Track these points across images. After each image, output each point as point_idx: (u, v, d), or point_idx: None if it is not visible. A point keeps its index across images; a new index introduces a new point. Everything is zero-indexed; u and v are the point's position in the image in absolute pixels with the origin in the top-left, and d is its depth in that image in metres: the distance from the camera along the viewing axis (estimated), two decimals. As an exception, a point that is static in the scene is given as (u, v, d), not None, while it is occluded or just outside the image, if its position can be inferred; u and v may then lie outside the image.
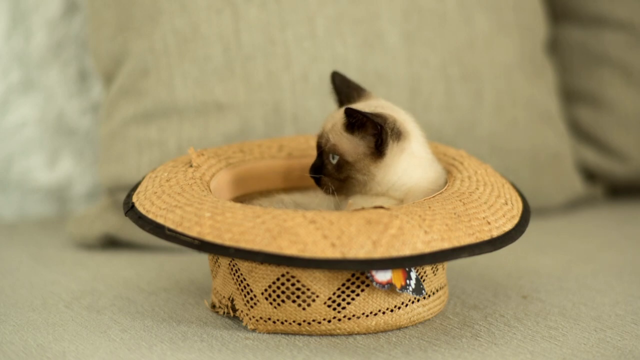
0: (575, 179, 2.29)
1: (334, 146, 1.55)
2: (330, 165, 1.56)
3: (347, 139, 1.54)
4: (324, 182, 1.57)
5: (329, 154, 1.56)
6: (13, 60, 2.25)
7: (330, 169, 1.56)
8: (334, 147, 1.55)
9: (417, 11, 2.11)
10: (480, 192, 1.53)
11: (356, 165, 1.54)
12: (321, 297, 1.44)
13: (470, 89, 2.14)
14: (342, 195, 1.57)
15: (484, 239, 1.43)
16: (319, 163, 1.57)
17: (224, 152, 1.70)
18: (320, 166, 1.57)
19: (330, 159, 1.56)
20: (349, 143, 1.54)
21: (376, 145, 1.54)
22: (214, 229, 1.40)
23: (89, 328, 1.51)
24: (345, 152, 1.54)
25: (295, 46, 2.04)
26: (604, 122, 2.33)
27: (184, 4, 2.00)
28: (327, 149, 1.56)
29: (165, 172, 1.57)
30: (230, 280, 1.50)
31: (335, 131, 1.55)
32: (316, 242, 1.36)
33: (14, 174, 2.28)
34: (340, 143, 1.55)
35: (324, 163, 1.57)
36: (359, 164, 1.54)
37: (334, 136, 1.55)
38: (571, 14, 2.36)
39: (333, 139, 1.55)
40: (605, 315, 1.55)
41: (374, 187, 1.56)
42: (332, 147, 1.55)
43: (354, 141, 1.54)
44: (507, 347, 1.43)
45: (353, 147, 1.54)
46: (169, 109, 2.01)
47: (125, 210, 1.53)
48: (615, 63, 2.32)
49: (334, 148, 1.55)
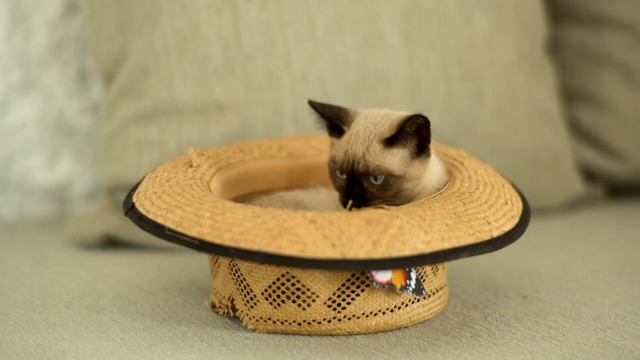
0: (575, 179, 2.28)
1: (378, 167, 1.50)
2: (374, 187, 1.51)
3: (391, 154, 1.51)
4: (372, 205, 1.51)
5: (369, 177, 1.51)
6: (13, 60, 2.25)
7: (374, 191, 1.51)
8: (378, 167, 1.50)
9: (417, 11, 2.11)
10: (481, 192, 1.53)
11: (406, 176, 1.52)
12: (321, 297, 1.44)
13: (470, 89, 2.14)
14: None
15: (484, 239, 1.43)
16: (357, 189, 1.51)
17: (223, 152, 1.70)
18: (360, 192, 1.51)
19: (372, 181, 1.51)
20: (394, 157, 1.51)
21: (422, 145, 1.51)
22: (214, 229, 1.40)
23: (89, 328, 1.51)
24: (392, 167, 1.51)
25: (295, 46, 2.04)
26: (604, 122, 2.33)
27: (184, 4, 2.00)
28: (371, 172, 1.50)
29: (165, 172, 1.57)
30: (231, 281, 1.50)
31: (374, 151, 1.51)
32: (316, 242, 1.36)
33: (14, 174, 2.28)
34: (385, 161, 1.51)
35: (364, 188, 1.51)
36: (408, 173, 1.51)
37: (374, 157, 1.51)
38: (571, 14, 2.36)
39: (375, 160, 1.51)
40: (605, 315, 1.55)
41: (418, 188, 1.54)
42: (377, 169, 1.50)
43: (399, 154, 1.51)
44: (507, 347, 1.43)
45: (399, 159, 1.51)
46: (169, 109, 2.01)
47: (125, 210, 1.53)
48: (615, 63, 2.32)
49: (378, 169, 1.50)
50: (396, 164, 1.51)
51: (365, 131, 1.53)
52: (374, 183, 1.51)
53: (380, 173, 1.51)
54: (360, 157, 1.52)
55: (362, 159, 1.51)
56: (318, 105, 1.56)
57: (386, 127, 1.52)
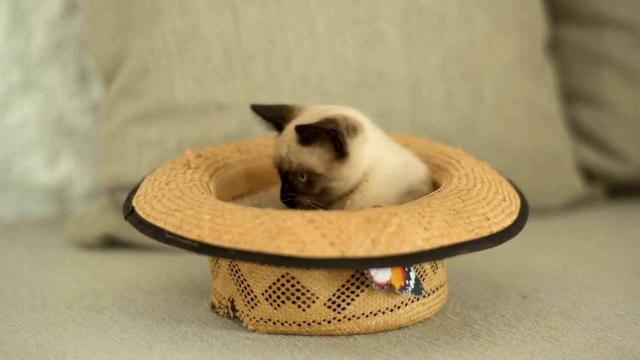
0: (575, 179, 2.28)
1: (299, 165, 1.52)
2: (301, 184, 1.53)
3: (309, 153, 1.52)
4: (298, 201, 1.54)
5: (296, 175, 1.53)
6: (13, 60, 2.25)
7: (301, 187, 1.53)
8: (300, 166, 1.52)
9: (417, 11, 2.11)
10: (479, 188, 1.53)
11: (328, 175, 1.53)
12: (321, 298, 1.44)
13: (470, 89, 2.14)
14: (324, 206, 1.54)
15: (484, 235, 1.43)
16: (287, 186, 1.54)
17: (221, 151, 1.70)
18: (289, 189, 1.54)
19: (299, 178, 1.53)
20: (312, 156, 1.52)
21: (337, 149, 1.52)
22: (213, 231, 1.40)
23: (89, 328, 1.51)
24: (312, 166, 1.52)
25: (295, 46, 2.04)
26: (604, 122, 2.33)
27: (184, 4, 2.00)
28: (294, 170, 1.53)
29: (164, 175, 1.57)
30: (231, 281, 1.50)
31: (294, 151, 1.53)
32: (315, 241, 1.36)
33: (14, 174, 2.28)
34: (304, 160, 1.52)
35: (292, 184, 1.54)
36: (330, 172, 1.52)
37: (294, 156, 1.53)
38: (571, 14, 2.36)
39: (296, 159, 1.52)
40: (605, 315, 1.55)
41: (349, 187, 1.55)
42: (299, 167, 1.52)
43: (315, 153, 1.52)
44: (507, 347, 1.43)
45: (317, 158, 1.52)
46: (169, 109, 2.01)
47: (125, 214, 1.53)
48: (615, 63, 2.32)
49: (300, 167, 1.52)
50: (316, 163, 1.52)
51: (291, 131, 1.54)
52: (301, 180, 1.53)
53: (302, 171, 1.53)
54: (284, 156, 1.54)
55: (286, 158, 1.54)
56: (260, 108, 1.59)
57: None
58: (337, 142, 1.51)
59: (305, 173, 1.53)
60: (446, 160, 1.65)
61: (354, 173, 1.54)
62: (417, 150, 1.70)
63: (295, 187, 1.54)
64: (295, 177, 1.54)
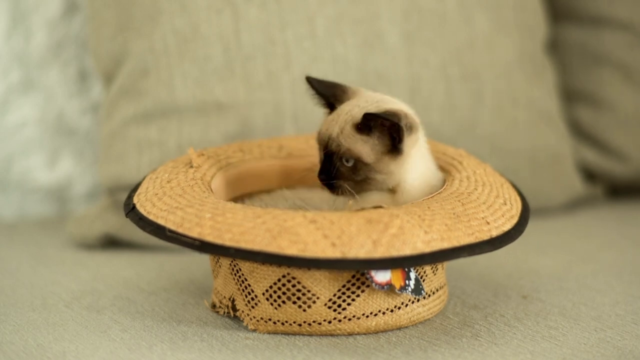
0: (575, 179, 2.28)
1: (348, 150, 1.52)
2: (345, 168, 1.52)
3: (362, 141, 1.51)
4: (339, 185, 1.53)
5: (341, 158, 1.53)
6: (13, 60, 2.25)
7: (344, 172, 1.53)
8: (349, 151, 1.52)
9: (417, 11, 2.11)
10: (479, 192, 1.53)
11: (375, 166, 1.52)
12: (322, 298, 1.44)
13: (470, 89, 2.14)
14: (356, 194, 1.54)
15: (484, 239, 1.43)
16: (329, 167, 1.53)
17: (223, 151, 1.70)
18: (331, 171, 1.53)
19: (344, 162, 1.52)
20: (365, 145, 1.52)
21: (394, 143, 1.52)
22: (214, 230, 1.40)
23: (89, 328, 1.51)
24: (362, 154, 1.52)
25: (295, 46, 2.04)
26: (604, 122, 2.33)
27: (184, 4, 2.00)
28: (342, 154, 1.52)
29: (165, 173, 1.57)
30: (231, 281, 1.50)
31: (347, 134, 1.52)
32: (316, 241, 1.36)
33: (14, 174, 2.28)
34: (355, 146, 1.52)
35: (336, 167, 1.53)
36: (378, 165, 1.52)
37: (346, 140, 1.52)
38: (571, 14, 2.36)
39: (347, 143, 1.52)
40: (605, 315, 1.55)
41: (390, 183, 1.54)
42: (347, 152, 1.52)
43: (369, 142, 1.52)
44: (507, 347, 1.43)
45: (370, 148, 1.52)
46: (169, 109, 2.01)
47: (126, 211, 1.53)
48: (615, 63, 2.32)
49: (349, 152, 1.52)
50: (366, 152, 1.52)
51: (348, 113, 1.54)
52: (345, 164, 1.53)
53: (350, 156, 1.52)
54: (335, 137, 1.53)
55: (336, 139, 1.53)
56: (315, 81, 1.59)
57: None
58: (397, 136, 1.51)
59: (352, 159, 1.52)
60: (448, 161, 1.65)
61: (398, 170, 1.53)
62: (417, 150, 1.70)
63: (338, 170, 1.53)
64: (341, 160, 1.53)
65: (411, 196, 1.55)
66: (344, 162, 1.53)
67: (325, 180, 1.53)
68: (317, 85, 1.59)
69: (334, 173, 1.53)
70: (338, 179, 1.53)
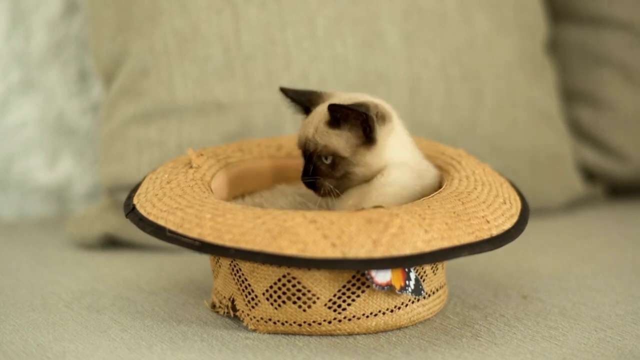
0: (575, 179, 2.29)
1: (325, 147, 1.54)
2: (324, 166, 1.54)
3: (336, 135, 1.53)
4: (320, 183, 1.55)
5: (320, 157, 1.54)
6: (13, 60, 2.25)
7: (324, 169, 1.55)
8: (325, 147, 1.54)
9: (417, 11, 2.11)
10: (479, 191, 1.53)
11: (352, 159, 1.53)
12: (322, 298, 1.44)
13: (470, 89, 2.14)
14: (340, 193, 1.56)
15: (484, 238, 1.44)
16: (310, 167, 1.55)
17: (222, 151, 1.70)
18: (311, 170, 1.55)
19: (323, 160, 1.54)
20: (339, 139, 1.53)
21: (365, 133, 1.53)
22: (214, 230, 1.40)
23: (89, 328, 1.51)
24: (338, 148, 1.53)
25: (295, 46, 2.04)
26: (604, 122, 2.33)
27: (184, 4, 2.00)
28: (319, 152, 1.54)
29: (165, 173, 1.57)
30: (232, 281, 1.50)
31: (321, 132, 1.54)
32: (316, 241, 1.36)
33: (14, 174, 2.28)
34: (331, 142, 1.53)
35: (316, 166, 1.55)
36: (354, 157, 1.53)
37: (321, 138, 1.54)
38: (571, 14, 2.36)
39: (322, 141, 1.54)
40: (605, 315, 1.55)
41: (369, 175, 1.55)
42: (324, 148, 1.54)
43: (343, 136, 1.53)
44: (507, 347, 1.43)
45: (344, 141, 1.53)
46: (169, 109, 2.01)
47: (126, 212, 1.53)
48: (615, 63, 2.32)
49: (326, 149, 1.54)
50: (342, 146, 1.53)
51: (320, 113, 1.55)
52: (325, 162, 1.54)
53: (327, 153, 1.54)
54: (310, 137, 1.55)
55: (312, 139, 1.55)
56: (289, 91, 1.61)
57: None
58: (367, 126, 1.52)
59: (330, 155, 1.54)
60: (447, 161, 1.65)
61: (376, 161, 1.55)
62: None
63: (318, 169, 1.55)
64: (320, 158, 1.54)
65: (395, 192, 1.55)
66: (322, 160, 1.54)
67: (306, 178, 1.55)
68: (292, 94, 1.61)
69: (313, 172, 1.55)
70: (318, 177, 1.54)
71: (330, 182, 1.55)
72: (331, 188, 1.55)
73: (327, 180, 1.55)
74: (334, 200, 1.57)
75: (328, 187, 1.55)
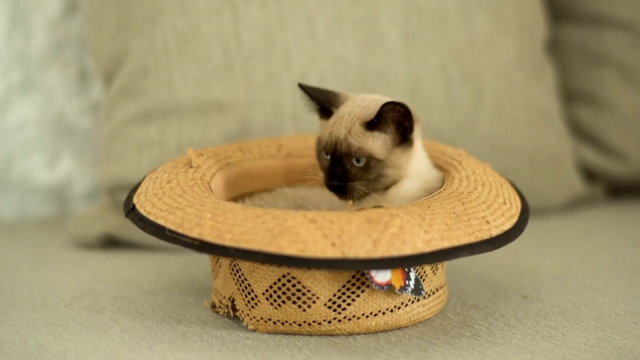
0: (575, 179, 2.28)
1: (360, 149, 1.51)
2: (356, 169, 1.52)
3: (373, 137, 1.52)
4: (351, 188, 1.52)
5: (351, 159, 1.52)
6: (13, 60, 2.25)
7: (355, 172, 1.52)
8: (359, 150, 1.51)
9: (417, 11, 2.11)
10: (479, 191, 1.53)
11: (387, 161, 1.52)
12: (322, 298, 1.44)
13: (470, 89, 2.14)
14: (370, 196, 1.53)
15: (484, 238, 1.44)
16: (341, 171, 1.53)
17: (223, 151, 1.70)
18: (342, 173, 1.53)
19: (354, 162, 1.52)
20: (376, 141, 1.52)
21: (404, 135, 1.52)
22: (214, 230, 1.40)
23: (89, 328, 1.51)
24: (374, 151, 1.52)
25: (296, 46, 2.04)
26: (604, 122, 2.33)
27: (184, 4, 2.00)
28: (353, 153, 1.52)
29: (165, 173, 1.57)
30: (231, 281, 1.50)
31: (356, 133, 1.52)
32: (316, 241, 1.36)
33: (14, 174, 2.28)
34: (366, 144, 1.52)
35: (345, 169, 1.53)
36: (390, 159, 1.52)
37: (356, 139, 1.52)
38: (571, 14, 2.36)
39: (357, 142, 1.52)
40: (605, 315, 1.55)
41: (400, 177, 1.55)
42: (358, 151, 1.51)
43: (380, 138, 1.52)
44: (507, 347, 1.43)
45: (381, 143, 1.52)
46: (169, 109, 2.01)
47: (126, 211, 1.53)
48: (615, 63, 2.32)
49: (360, 151, 1.51)
50: (378, 148, 1.52)
51: (350, 114, 1.54)
52: (356, 165, 1.52)
53: (362, 155, 1.52)
54: (343, 138, 1.53)
55: (345, 141, 1.53)
56: (308, 88, 1.59)
57: (370, 111, 1.53)
58: (408, 126, 1.52)
59: (363, 157, 1.52)
60: (448, 161, 1.65)
61: (409, 162, 1.54)
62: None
63: (348, 172, 1.53)
64: (351, 161, 1.53)
65: (407, 199, 1.55)
66: (354, 163, 1.52)
67: (338, 184, 1.52)
68: (311, 91, 1.59)
69: (345, 175, 1.53)
70: (350, 181, 1.53)
71: (363, 184, 1.53)
72: (364, 191, 1.52)
73: (360, 183, 1.53)
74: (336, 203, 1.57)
75: (361, 191, 1.53)
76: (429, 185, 1.58)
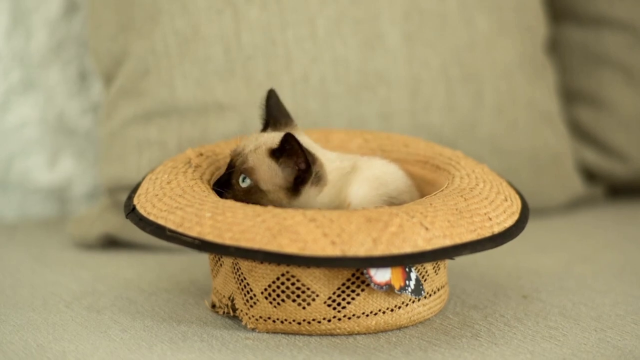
0: (575, 179, 2.29)
1: (251, 169, 1.51)
2: (239, 186, 1.52)
3: (268, 166, 1.50)
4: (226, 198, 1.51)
5: (240, 175, 1.52)
6: (13, 60, 2.25)
7: (238, 189, 1.52)
8: (251, 169, 1.51)
9: (417, 12, 2.11)
10: (481, 188, 1.53)
11: (269, 195, 1.51)
12: (321, 296, 1.44)
13: (470, 90, 2.14)
14: None
15: (486, 236, 1.43)
16: (226, 178, 1.53)
17: (222, 149, 1.70)
18: (226, 182, 1.52)
19: (240, 180, 1.52)
20: (269, 170, 1.50)
21: (295, 181, 1.51)
22: (214, 229, 1.40)
23: (89, 328, 1.51)
24: (261, 179, 1.50)
25: (296, 47, 2.04)
26: (604, 122, 2.33)
27: (185, 5, 2.00)
28: (242, 170, 1.51)
29: (165, 173, 1.57)
30: (231, 280, 1.50)
31: (258, 154, 1.51)
32: (316, 240, 1.36)
33: (14, 174, 2.28)
34: (260, 168, 1.51)
35: (230, 181, 1.53)
36: (272, 194, 1.51)
37: (254, 159, 1.51)
38: (571, 14, 2.36)
39: (252, 162, 1.51)
40: (605, 315, 1.55)
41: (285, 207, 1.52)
42: (249, 170, 1.51)
43: (274, 169, 1.50)
44: (507, 347, 1.43)
45: (271, 175, 1.50)
46: (169, 109, 2.01)
47: (126, 212, 1.53)
48: (616, 63, 2.32)
49: (250, 171, 1.51)
50: (265, 178, 1.50)
51: (269, 137, 1.53)
52: (240, 183, 1.51)
53: (249, 176, 1.51)
54: (245, 153, 1.52)
55: (244, 155, 1.52)
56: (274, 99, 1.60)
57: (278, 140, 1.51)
58: (302, 176, 1.50)
59: (249, 179, 1.51)
60: (446, 161, 1.65)
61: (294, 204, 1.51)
62: (416, 151, 1.71)
63: (232, 185, 1.52)
64: (238, 176, 1.52)
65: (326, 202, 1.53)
66: (240, 180, 1.51)
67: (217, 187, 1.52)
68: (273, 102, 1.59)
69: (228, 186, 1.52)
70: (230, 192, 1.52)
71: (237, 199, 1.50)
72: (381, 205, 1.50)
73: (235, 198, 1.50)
74: None
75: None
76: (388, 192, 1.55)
